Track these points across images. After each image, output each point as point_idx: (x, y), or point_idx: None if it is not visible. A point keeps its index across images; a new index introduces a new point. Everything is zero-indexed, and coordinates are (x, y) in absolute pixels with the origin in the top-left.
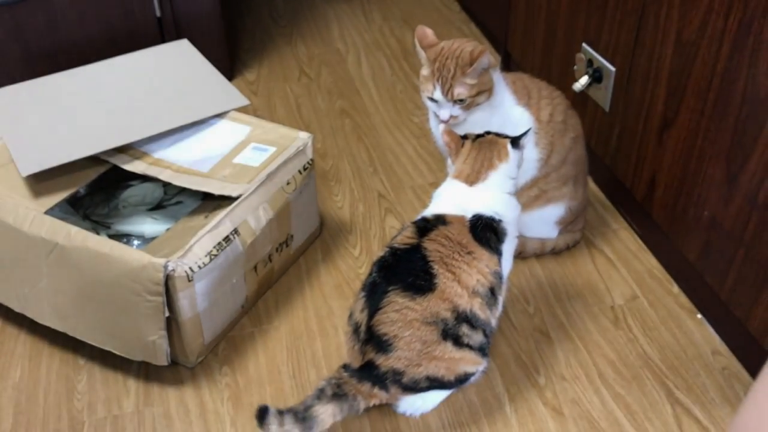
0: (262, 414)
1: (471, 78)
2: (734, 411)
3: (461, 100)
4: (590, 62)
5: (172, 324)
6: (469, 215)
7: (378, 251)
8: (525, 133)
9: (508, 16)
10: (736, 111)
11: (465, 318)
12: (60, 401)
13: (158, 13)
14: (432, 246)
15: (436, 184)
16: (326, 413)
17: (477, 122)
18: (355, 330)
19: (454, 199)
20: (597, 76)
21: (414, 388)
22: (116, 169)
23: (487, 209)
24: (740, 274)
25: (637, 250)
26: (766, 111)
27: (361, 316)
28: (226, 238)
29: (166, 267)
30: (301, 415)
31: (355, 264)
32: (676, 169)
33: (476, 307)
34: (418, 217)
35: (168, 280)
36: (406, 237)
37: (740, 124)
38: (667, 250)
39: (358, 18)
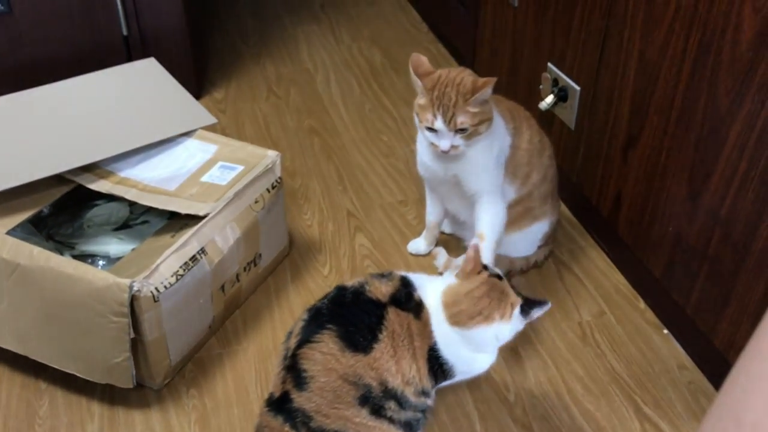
0: None
1: (473, 106)
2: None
3: (463, 129)
4: (555, 81)
5: (137, 345)
6: (433, 339)
7: (347, 270)
8: (542, 305)
9: (474, 36)
10: (697, 129)
11: (394, 396)
12: (21, 427)
13: (125, 32)
14: (394, 318)
15: (405, 202)
16: None
17: (477, 153)
18: (285, 354)
19: (432, 313)
20: (562, 95)
21: None
22: (81, 189)
23: (447, 354)
24: (704, 289)
25: (604, 266)
26: (726, 128)
27: (293, 341)
28: (193, 258)
29: (131, 287)
30: None
31: (324, 283)
32: (641, 187)
33: (408, 392)
34: (411, 278)
35: (133, 300)
36: (381, 289)
37: (702, 141)
38: (633, 267)
39: (326, 38)
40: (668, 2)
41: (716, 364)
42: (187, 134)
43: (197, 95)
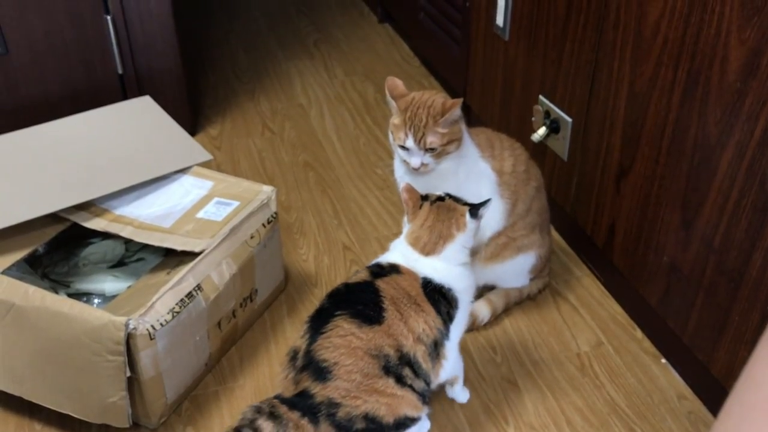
0: None
1: (442, 127)
2: None
3: (432, 149)
4: (547, 113)
5: (133, 384)
6: (420, 275)
7: None
8: (485, 203)
9: (466, 70)
10: (689, 158)
11: (408, 361)
12: None
13: (120, 70)
14: (384, 286)
15: (400, 235)
16: (269, 428)
17: (445, 172)
18: (293, 357)
19: (407, 259)
20: (554, 127)
21: (348, 428)
22: (76, 227)
23: (438, 278)
24: (701, 318)
25: (600, 296)
26: (717, 157)
27: (300, 342)
28: (189, 295)
29: (127, 325)
30: (248, 428)
31: None
32: (634, 216)
33: (419, 354)
34: (372, 262)
35: (129, 338)
36: (359, 276)
37: (693, 170)
38: (629, 296)
39: (320, 73)
40: (656, 35)
41: (715, 393)
42: (183, 171)
43: (192, 132)
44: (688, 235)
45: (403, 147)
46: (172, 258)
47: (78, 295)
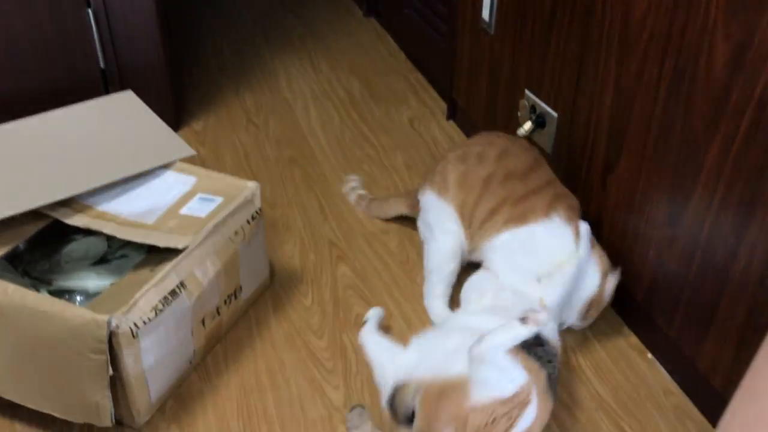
0: None
1: None
2: None
3: None
4: (533, 108)
5: (116, 383)
6: None
7: (330, 301)
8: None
9: (452, 65)
10: (675, 153)
11: None
12: None
13: (102, 65)
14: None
15: (387, 231)
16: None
17: None
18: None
19: None
20: (540, 122)
21: None
22: (58, 224)
23: None
24: (687, 313)
25: None
26: (702, 152)
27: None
28: (172, 292)
29: (109, 323)
30: None
31: (306, 314)
32: (621, 211)
33: None
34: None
35: (112, 337)
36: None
37: (680, 166)
38: (616, 291)
39: (305, 68)
40: (642, 30)
41: (701, 388)
42: (166, 166)
43: (176, 127)
44: (675, 231)
45: None
46: (156, 255)
47: (60, 293)
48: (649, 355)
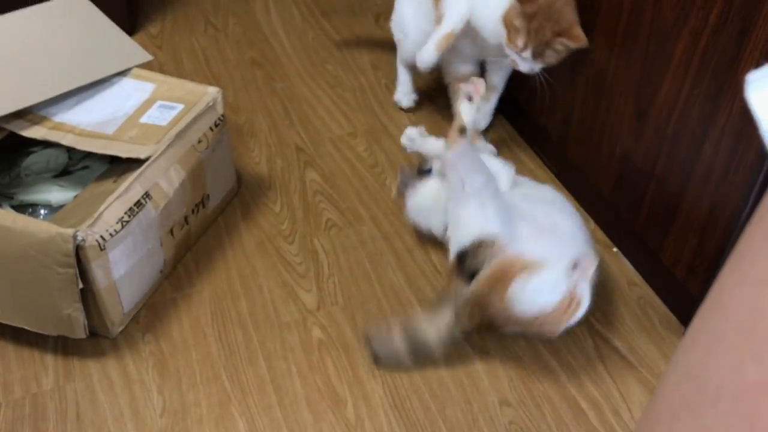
0: None
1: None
2: (650, 339)
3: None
4: None
5: (87, 295)
6: None
7: (299, 206)
8: None
9: None
10: (643, 46)
11: None
12: None
13: None
14: None
15: (354, 134)
16: None
17: None
18: None
19: None
20: None
21: None
22: (14, 136)
23: None
24: (652, 207)
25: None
26: (672, 44)
27: None
28: (138, 203)
29: (75, 237)
30: None
31: (276, 220)
32: (589, 107)
33: None
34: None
35: (79, 250)
36: None
37: (648, 59)
38: (583, 187)
39: None
40: None
41: (665, 279)
42: (122, 74)
43: (130, 31)
44: (642, 125)
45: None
46: (118, 165)
47: (23, 207)
48: (615, 249)
